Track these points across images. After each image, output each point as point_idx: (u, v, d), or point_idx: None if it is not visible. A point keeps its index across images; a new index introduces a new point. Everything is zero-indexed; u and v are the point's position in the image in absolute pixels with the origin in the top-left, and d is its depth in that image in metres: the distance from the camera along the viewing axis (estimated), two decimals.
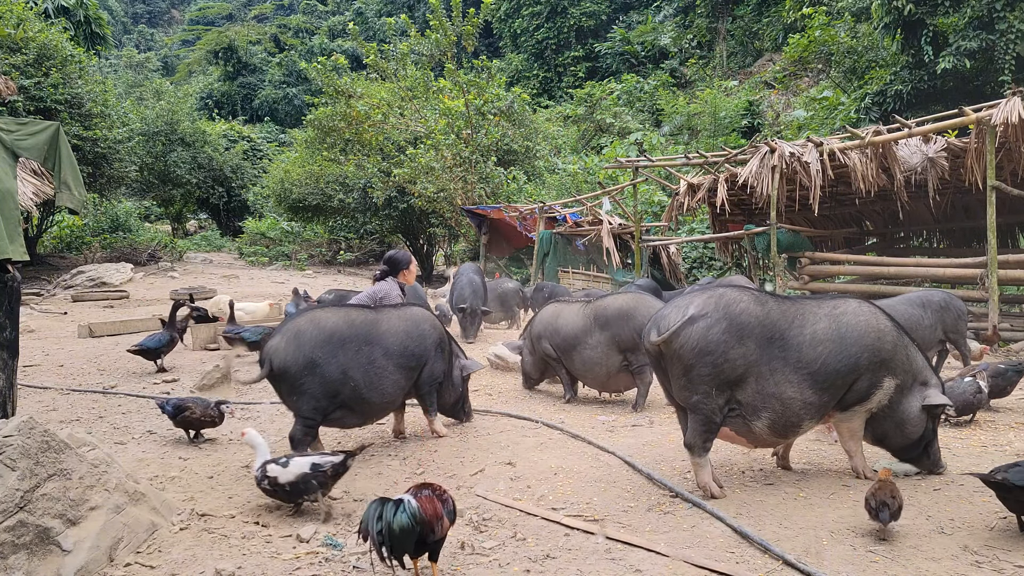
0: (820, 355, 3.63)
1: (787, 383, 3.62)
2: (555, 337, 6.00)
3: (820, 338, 3.66)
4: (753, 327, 3.62)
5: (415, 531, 2.74)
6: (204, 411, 4.72)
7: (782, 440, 3.85)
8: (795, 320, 3.70)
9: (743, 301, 3.68)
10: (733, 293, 3.74)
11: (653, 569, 2.94)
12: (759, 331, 3.63)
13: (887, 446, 3.95)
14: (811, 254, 10.10)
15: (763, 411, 3.64)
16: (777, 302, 3.77)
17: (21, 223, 4.86)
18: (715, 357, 3.57)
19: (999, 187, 7.54)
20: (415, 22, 29.80)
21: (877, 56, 18.60)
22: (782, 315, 3.70)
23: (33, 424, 3.09)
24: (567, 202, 15.58)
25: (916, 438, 3.84)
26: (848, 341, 3.67)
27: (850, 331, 3.69)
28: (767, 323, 3.65)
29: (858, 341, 3.67)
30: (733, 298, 3.69)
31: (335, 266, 24.88)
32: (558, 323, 6.01)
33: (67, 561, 2.90)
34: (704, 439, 3.69)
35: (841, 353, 3.64)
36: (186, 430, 4.81)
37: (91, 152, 16.10)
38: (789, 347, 3.64)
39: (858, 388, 3.71)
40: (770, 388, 3.62)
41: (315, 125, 23.84)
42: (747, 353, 3.60)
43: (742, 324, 3.61)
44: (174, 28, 69.09)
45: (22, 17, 15.63)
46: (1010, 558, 2.95)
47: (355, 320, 4.38)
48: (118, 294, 14.07)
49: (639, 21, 36.74)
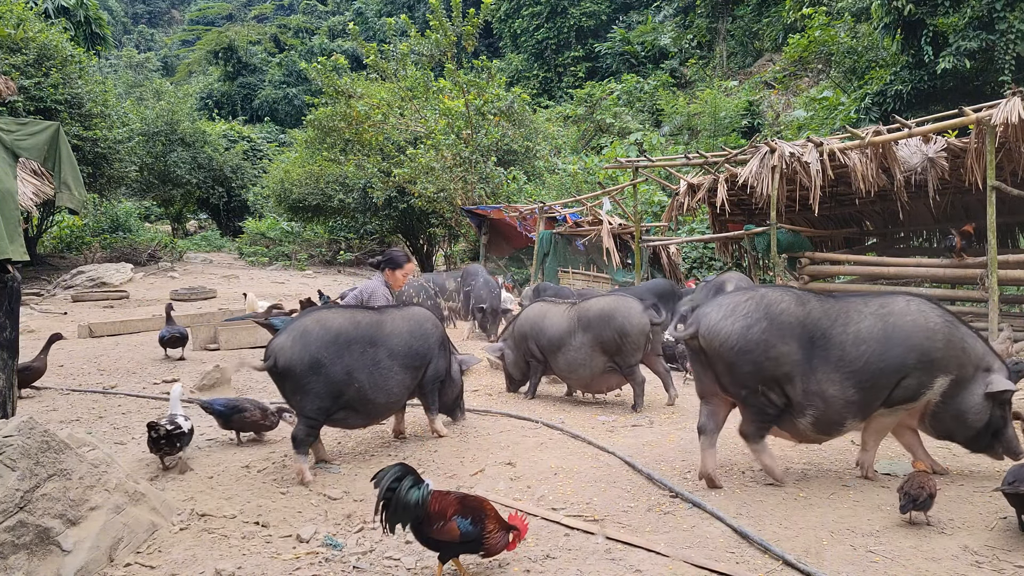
0: (863, 354, 3.61)
1: (829, 382, 3.63)
2: (540, 338, 6.00)
3: (863, 337, 3.64)
4: (794, 327, 3.65)
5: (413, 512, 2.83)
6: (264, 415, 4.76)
7: (826, 438, 3.86)
8: (838, 319, 3.69)
9: (784, 301, 3.71)
10: (774, 293, 3.77)
11: (653, 569, 2.94)
12: (800, 331, 3.65)
13: (953, 440, 3.88)
14: (811, 254, 10.09)
15: (808, 409, 3.68)
16: (819, 301, 3.77)
17: (21, 223, 4.86)
18: (755, 356, 3.62)
19: (999, 187, 7.54)
20: (415, 22, 29.79)
21: (877, 56, 18.61)
22: (824, 314, 3.70)
23: (33, 424, 3.09)
24: (567, 202, 15.58)
25: (980, 427, 3.73)
26: (894, 341, 3.63)
27: (896, 331, 3.64)
28: (808, 323, 3.67)
29: (904, 342, 3.62)
30: (774, 298, 3.73)
31: (335, 266, 24.87)
32: (544, 324, 6.02)
33: (67, 561, 2.90)
34: (757, 428, 3.77)
35: (885, 353, 3.61)
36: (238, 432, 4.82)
37: (91, 152, 16.10)
38: (831, 346, 3.64)
39: (905, 387, 3.66)
40: (813, 386, 3.64)
41: (315, 125, 23.84)
42: (790, 352, 3.62)
43: (783, 324, 3.65)
44: (174, 28, 69.08)
45: (22, 17, 15.63)
46: (1010, 558, 2.95)
47: (360, 321, 4.38)
48: (118, 294, 14.07)
49: (639, 21, 36.74)
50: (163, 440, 4.10)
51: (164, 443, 4.11)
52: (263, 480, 4.07)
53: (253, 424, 4.74)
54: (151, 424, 4.14)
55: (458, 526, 2.81)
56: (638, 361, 5.68)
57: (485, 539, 2.84)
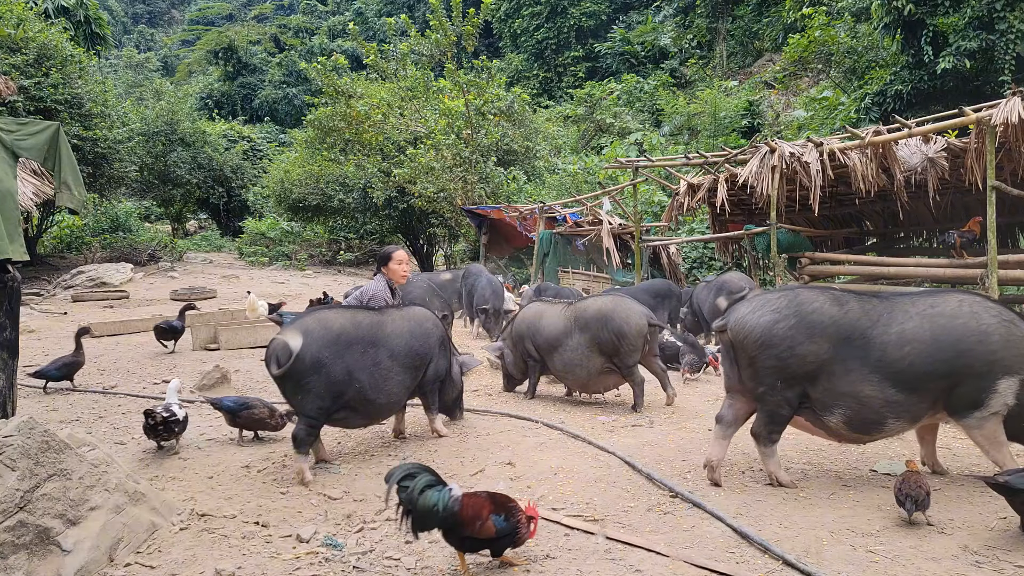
0: (907, 355, 3.53)
1: (865, 382, 3.57)
2: (537, 337, 6.00)
3: (908, 338, 3.55)
4: (826, 326, 3.62)
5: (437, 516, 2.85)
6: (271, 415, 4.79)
7: (866, 437, 3.78)
8: (880, 319, 3.63)
9: (817, 301, 3.69)
10: (809, 293, 3.77)
11: (653, 569, 2.94)
12: (833, 330, 3.61)
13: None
14: (811, 254, 10.09)
15: (835, 408, 3.64)
16: (860, 302, 3.72)
17: (21, 223, 4.86)
18: (779, 351, 3.63)
19: (999, 187, 7.53)
20: (415, 22, 29.81)
21: (877, 56, 18.62)
22: (864, 314, 3.65)
23: (33, 424, 3.09)
24: (567, 202, 15.59)
25: None
26: (942, 343, 3.51)
27: (945, 333, 3.53)
28: (843, 323, 3.63)
29: (954, 345, 3.50)
30: (807, 298, 3.72)
31: (335, 266, 24.87)
32: (540, 323, 6.01)
33: (67, 561, 2.90)
34: (769, 430, 3.77)
35: (932, 355, 3.50)
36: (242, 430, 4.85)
37: (91, 152, 16.10)
38: (871, 346, 3.58)
39: (964, 393, 3.52)
40: (843, 387, 3.60)
41: (315, 125, 23.85)
42: (817, 351, 3.60)
43: (813, 323, 3.63)
44: (174, 28, 69.10)
45: (22, 17, 15.63)
46: (1010, 558, 2.95)
47: (361, 322, 4.38)
48: (118, 294, 14.07)
49: (639, 21, 36.77)
50: (160, 426, 4.45)
51: (162, 429, 4.47)
52: (263, 480, 4.07)
53: (260, 422, 4.76)
54: (147, 411, 4.46)
55: (494, 524, 2.88)
56: (636, 361, 5.67)
57: (518, 531, 2.93)
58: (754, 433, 3.85)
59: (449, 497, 2.88)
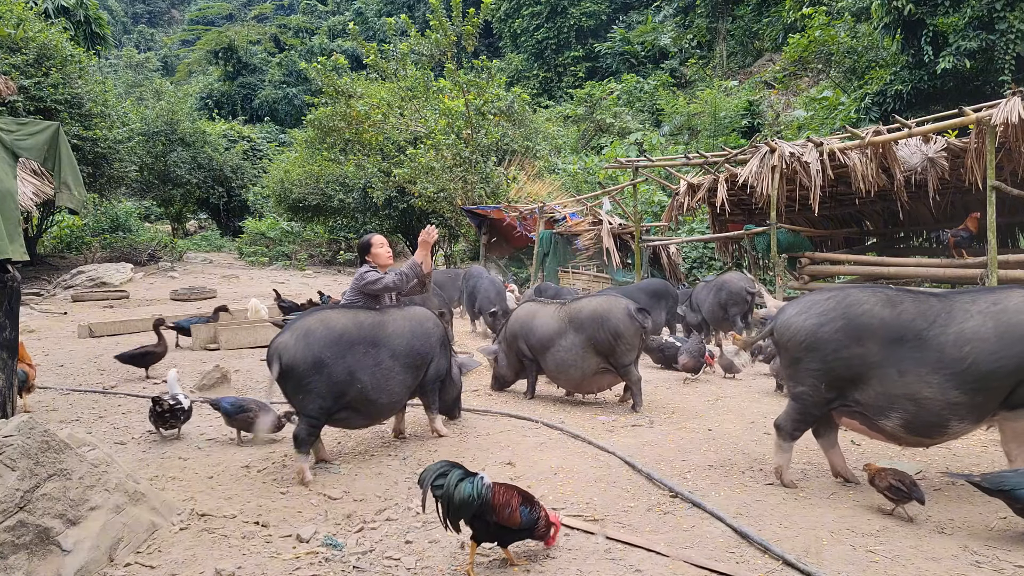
0: (968, 355, 3.41)
1: (923, 384, 3.47)
2: (530, 337, 5.99)
3: (968, 337, 3.43)
4: (876, 329, 3.53)
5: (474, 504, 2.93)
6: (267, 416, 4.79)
7: (929, 440, 3.66)
8: (937, 319, 3.51)
9: (867, 303, 3.60)
10: (859, 294, 3.67)
11: (653, 569, 2.94)
12: (884, 333, 3.52)
13: None
14: (811, 254, 10.10)
15: (891, 411, 3.55)
16: (915, 302, 3.59)
17: (21, 223, 4.86)
18: (823, 354, 3.59)
19: (999, 187, 7.53)
20: (415, 22, 29.81)
21: (877, 56, 18.62)
22: (920, 315, 3.53)
23: (33, 424, 3.09)
24: (567, 202, 15.59)
25: None
26: (1008, 340, 3.38)
27: (1011, 329, 3.39)
28: (896, 325, 3.53)
29: (1021, 340, 3.37)
30: (856, 299, 3.63)
31: (335, 266, 24.88)
32: (534, 323, 6.01)
33: (67, 561, 2.90)
34: (795, 427, 3.77)
35: (996, 353, 3.38)
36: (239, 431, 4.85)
37: (91, 152, 16.11)
38: (928, 347, 3.47)
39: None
40: (897, 389, 3.50)
41: (315, 125, 23.86)
42: (866, 354, 3.53)
43: (861, 326, 3.55)
44: (174, 28, 69.09)
45: (22, 17, 15.64)
46: (1010, 558, 2.95)
47: (363, 322, 4.37)
48: (118, 294, 14.08)
49: (639, 21, 36.76)
50: (167, 413, 4.71)
51: (168, 416, 4.72)
52: (263, 480, 4.07)
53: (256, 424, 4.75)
54: (155, 398, 4.71)
55: (520, 515, 2.96)
56: (632, 360, 5.67)
57: (537, 525, 3.00)
58: (777, 425, 3.84)
59: (483, 485, 2.97)
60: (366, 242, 5.17)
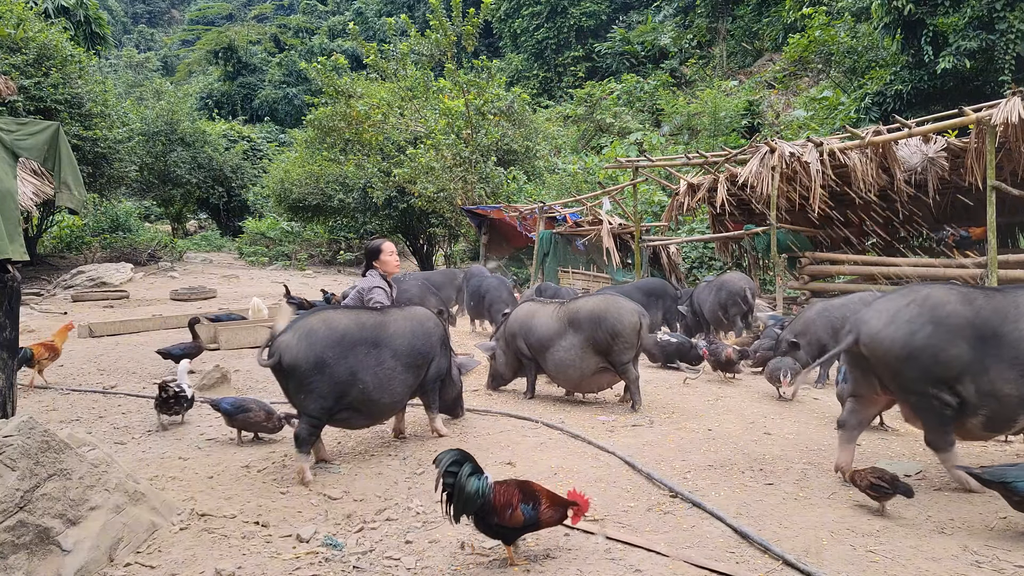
0: None
1: (1003, 380, 3.46)
2: (529, 337, 5.99)
3: None
4: (963, 328, 3.50)
5: (476, 502, 2.94)
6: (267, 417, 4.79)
7: (991, 436, 3.73)
8: (1009, 315, 3.49)
9: (951, 302, 3.55)
10: (940, 293, 3.62)
11: (653, 569, 2.94)
12: (969, 332, 3.49)
13: None
14: (811, 254, 10.10)
15: (980, 410, 3.53)
16: (987, 298, 3.59)
17: (21, 223, 4.86)
18: (922, 361, 3.52)
19: (999, 187, 7.54)
20: (415, 22, 29.82)
21: (877, 56, 18.61)
22: (995, 311, 3.52)
23: (33, 424, 3.09)
24: (567, 202, 15.59)
25: None
26: None
27: None
28: (977, 323, 3.50)
29: None
30: (939, 300, 3.58)
31: (335, 266, 24.87)
32: (533, 323, 6.01)
33: (67, 561, 2.90)
34: (941, 434, 3.64)
35: None
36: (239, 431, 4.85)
37: (91, 152, 16.10)
38: (1003, 344, 3.46)
39: None
40: (984, 387, 3.49)
41: (315, 125, 23.86)
42: (960, 355, 3.50)
43: (951, 327, 3.51)
44: (174, 28, 69.09)
45: (22, 17, 15.63)
46: (1010, 558, 2.95)
47: (365, 322, 4.38)
48: (118, 294, 14.07)
49: (639, 21, 36.75)
50: (171, 399, 4.93)
51: (173, 402, 4.95)
52: (263, 480, 4.07)
53: (257, 424, 4.75)
54: (162, 384, 4.94)
55: (522, 512, 2.95)
56: (630, 359, 5.68)
57: (539, 518, 2.99)
58: (928, 442, 3.72)
59: (487, 485, 2.97)
60: (376, 247, 5.19)
